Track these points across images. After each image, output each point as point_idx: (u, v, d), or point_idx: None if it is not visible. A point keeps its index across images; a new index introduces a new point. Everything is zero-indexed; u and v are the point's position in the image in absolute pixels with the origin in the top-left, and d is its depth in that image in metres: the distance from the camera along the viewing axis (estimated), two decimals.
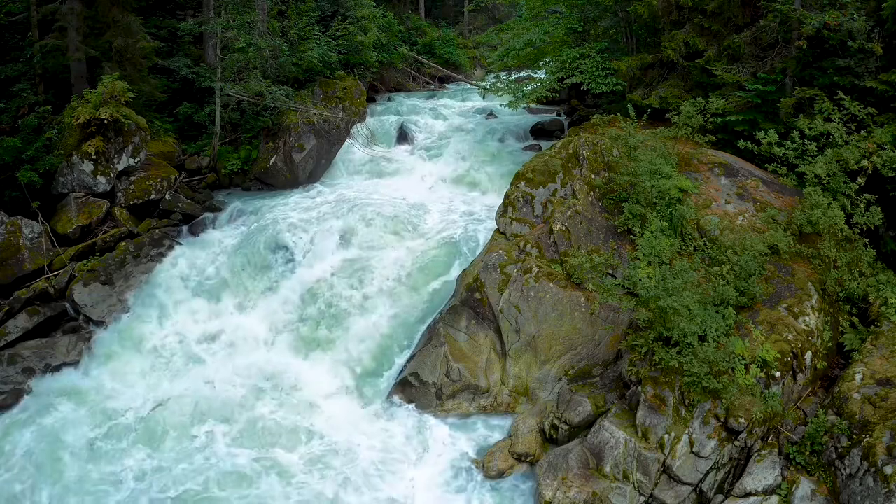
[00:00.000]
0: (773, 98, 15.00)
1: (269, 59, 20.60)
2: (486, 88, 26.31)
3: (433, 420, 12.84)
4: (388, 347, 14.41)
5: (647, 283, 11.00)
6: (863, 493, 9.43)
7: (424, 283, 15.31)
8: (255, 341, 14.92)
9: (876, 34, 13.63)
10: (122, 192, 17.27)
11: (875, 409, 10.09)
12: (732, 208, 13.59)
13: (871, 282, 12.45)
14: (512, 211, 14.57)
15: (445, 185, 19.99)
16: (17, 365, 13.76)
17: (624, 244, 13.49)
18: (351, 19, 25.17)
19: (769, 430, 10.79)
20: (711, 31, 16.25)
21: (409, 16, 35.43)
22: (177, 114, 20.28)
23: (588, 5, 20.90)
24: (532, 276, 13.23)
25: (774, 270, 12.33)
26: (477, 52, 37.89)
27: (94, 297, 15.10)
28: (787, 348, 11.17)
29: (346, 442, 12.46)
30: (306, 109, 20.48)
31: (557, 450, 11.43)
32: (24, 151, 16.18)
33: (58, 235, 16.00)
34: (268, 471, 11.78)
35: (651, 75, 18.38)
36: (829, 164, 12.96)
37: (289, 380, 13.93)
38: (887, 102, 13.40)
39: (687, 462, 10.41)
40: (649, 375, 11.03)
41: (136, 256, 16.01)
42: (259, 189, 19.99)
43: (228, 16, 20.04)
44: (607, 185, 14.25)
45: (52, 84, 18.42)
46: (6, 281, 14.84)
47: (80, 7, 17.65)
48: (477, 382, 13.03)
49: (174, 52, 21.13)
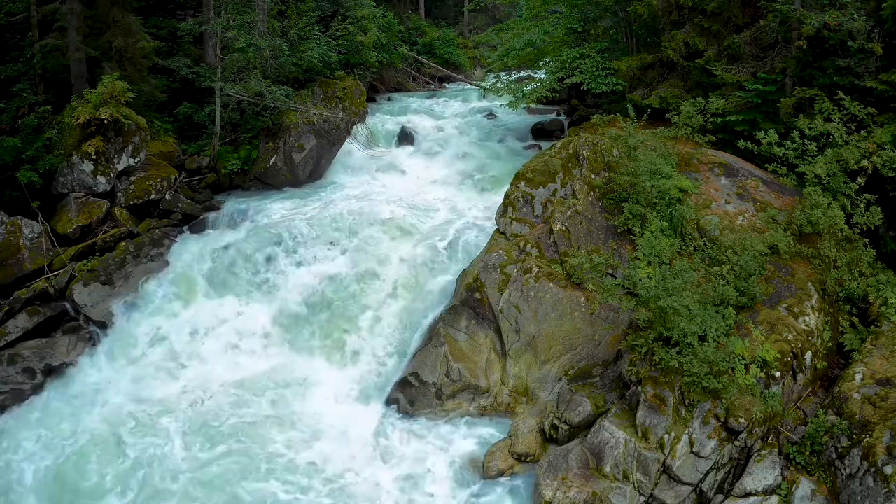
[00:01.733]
0: (773, 98, 15.00)
1: (269, 59, 20.58)
2: (486, 88, 26.37)
3: (433, 420, 12.84)
4: (388, 347, 14.41)
5: (647, 283, 11.00)
6: (863, 493, 9.43)
7: (424, 283, 15.31)
8: (255, 341, 14.91)
9: (876, 34, 13.63)
10: (122, 192, 17.26)
11: (875, 409, 10.09)
12: (732, 208, 13.59)
13: (871, 282, 12.45)
14: (512, 211, 14.57)
15: (445, 184, 19.98)
16: (17, 365, 13.74)
17: (624, 244, 13.49)
18: (351, 19, 25.17)
19: (769, 430, 10.79)
20: (711, 31, 16.26)
21: (409, 16, 35.45)
22: (177, 114, 20.26)
23: (588, 5, 20.91)
24: (532, 276, 13.23)
25: (774, 270, 12.33)
26: (477, 52, 37.90)
27: (94, 297, 15.09)
28: (787, 348, 11.18)
29: (345, 442, 12.46)
30: (306, 109, 20.47)
31: (557, 450, 11.43)
32: (24, 151, 16.17)
33: (58, 235, 15.99)
34: (268, 472, 11.81)
35: (651, 75, 18.39)
36: (829, 164, 12.96)
37: (288, 379, 13.92)
38: (887, 102, 13.40)
39: (687, 462, 10.41)
40: (649, 375, 11.03)
41: (136, 256, 16.01)
42: (259, 189, 19.97)
43: (228, 16, 20.02)
44: (607, 185, 14.25)
45: (52, 84, 18.41)
46: (6, 281, 14.83)
47: (80, 7, 17.63)
48: (477, 382, 13.03)
49: (174, 52, 21.11)
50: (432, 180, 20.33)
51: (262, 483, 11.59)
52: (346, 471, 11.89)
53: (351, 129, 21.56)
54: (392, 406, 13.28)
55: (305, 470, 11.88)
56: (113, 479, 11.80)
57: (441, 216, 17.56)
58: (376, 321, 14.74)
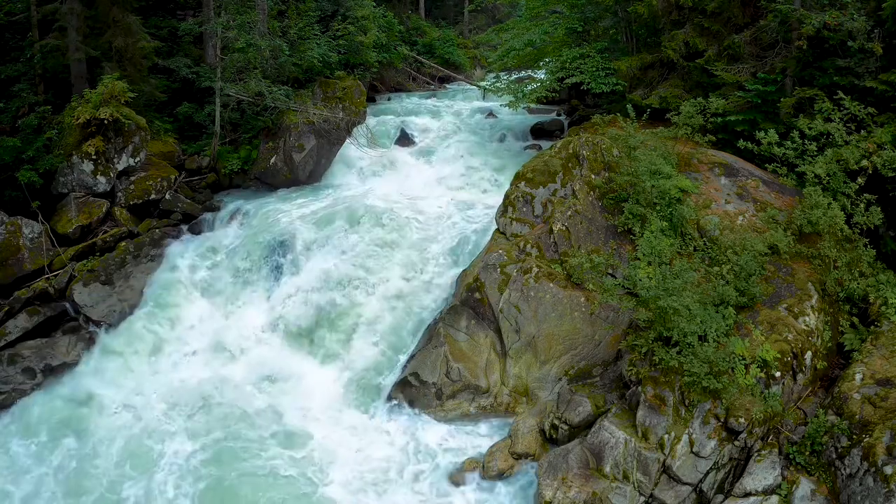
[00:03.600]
0: (773, 98, 15.00)
1: (269, 59, 20.58)
2: (486, 88, 26.34)
3: (433, 420, 12.84)
4: (388, 348, 14.41)
5: (647, 283, 11.00)
6: (863, 493, 9.43)
7: (424, 283, 15.31)
8: (255, 341, 14.91)
9: (876, 34, 13.63)
10: (122, 192, 17.26)
11: (875, 409, 10.09)
12: (732, 208, 13.59)
13: (871, 282, 12.45)
14: (512, 211, 14.57)
15: (445, 185, 19.97)
16: (17, 365, 13.76)
17: (624, 244, 13.48)
18: (351, 19, 25.16)
19: (769, 430, 10.79)
20: (711, 31, 16.26)
21: (409, 16, 35.44)
22: (177, 114, 20.26)
23: (588, 5, 20.91)
24: (532, 276, 13.23)
25: (774, 270, 12.33)
26: (477, 52, 37.89)
27: (94, 297, 15.09)
28: (787, 348, 11.17)
29: (344, 443, 12.46)
30: (306, 109, 20.47)
31: (557, 450, 11.42)
32: (24, 151, 16.17)
33: (58, 235, 15.99)
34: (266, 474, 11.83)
35: (651, 75, 18.39)
36: (829, 164, 12.96)
37: (288, 379, 13.94)
38: (887, 102, 13.40)
39: (687, 462, 10.41)
40: (649, 375, 11.03)
41: (135, 256, 16.01)
42: (259, 189, 19.97)
43: (228, 16, 20.02)
44: (607, 185, 14.25)
45: (52, 84, 18.41)
46: (6, 281, 14.83)
47: (80, 7, 17.63)
48: (477, 382, 13.03)
49: (174, 52, 21.10)
50: (432, 180, 20.31)
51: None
52: (341, 472, 11.90)
53: (351, 129, 21.55)
54: (392, 406, 13.27)
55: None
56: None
57: (441, 216, 17.55)
58: (376, 321, 14.74)
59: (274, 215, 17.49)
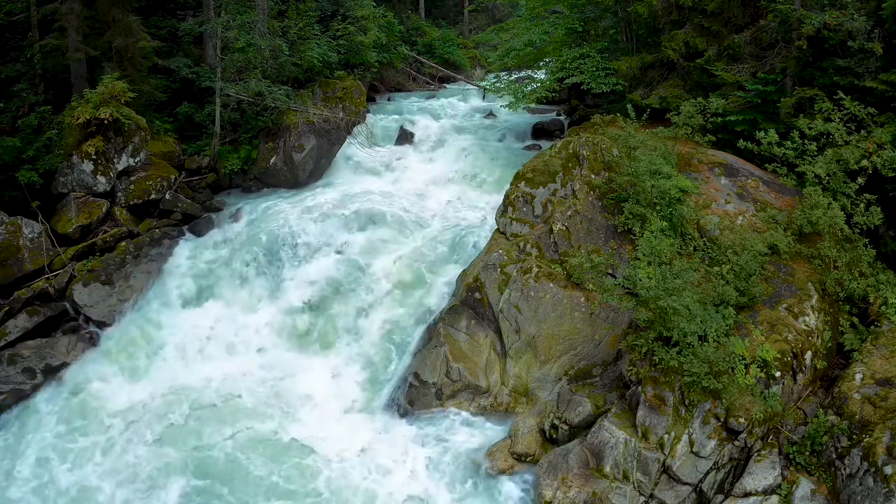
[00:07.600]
0: (773, 98, 15.00)
1: (269, 59, 20.59)
2: (486, 88, 26.34)
3: (433, 420, 12.83)
4: (388, 348, 14.41)
5: (647, 283, 10.99)
6: (863, 493, 9.43)
7: (424, 283, 15.32)
8: (255, 341, 14.92)
9: (876, 34, 13.63)
10: (122, 192, 17.26)
11: (875, 409, 10.09)
12: (732, 208, 13.59)
13: (871, 282, 12.45)
14: (512, 211, 14.57)
15: (445, 184, 19.98)
16: (17, 365, 13.75)
17: (624, 244, 13.49)
18: (351, 19, 25.17)
19: (769, 430, 10.79)
20: (711, 31, 16.26)
21: (409, 16, 35.42)
22: (177, 114, 20.27)
23: (588, 5, 20.91)
24: (532, 276, 13.23)
25: (774, 270, 12.33)
26: (477, 52, 37.86)
27: (94, 297, 15.09)
28: (787, 348, 11.17)
29: (344, 443, 12.47)
30: (306, 109, 20.48)
31: (557, 450, 11.43)
32: (24, 151, 16.18)
33: (58, 235, 15.99)
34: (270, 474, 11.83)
35: (651, 75, 18.38)
36: (829, 164, 12.96)
37: (288, 379, 13.94)
38: (887, 102, 13.39)
39: (687, 462, 10.41)
40: (649, 375, 11.03)
41: (135, 256, 16.01)
42: (259, 189, 19.99)
43: (228, 16, 20.03)
44: (607, 185, 14.25)
45: (52, 84, 18.41)
46: (6, 281, 14.83)
47: (80, 7, 17.63)
48: (477, 382, 13.03)
49: (174, 52, 21.11)
50: (432, 180, 20.31)
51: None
52: (341, 473, 11.90)
53: (351, 128, 21.56)
54: (392, 406, 13.28)
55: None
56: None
57: (441, 216, 17.56)
58: (375, 322, 14.74)
59: (275, 215, 17.49)
